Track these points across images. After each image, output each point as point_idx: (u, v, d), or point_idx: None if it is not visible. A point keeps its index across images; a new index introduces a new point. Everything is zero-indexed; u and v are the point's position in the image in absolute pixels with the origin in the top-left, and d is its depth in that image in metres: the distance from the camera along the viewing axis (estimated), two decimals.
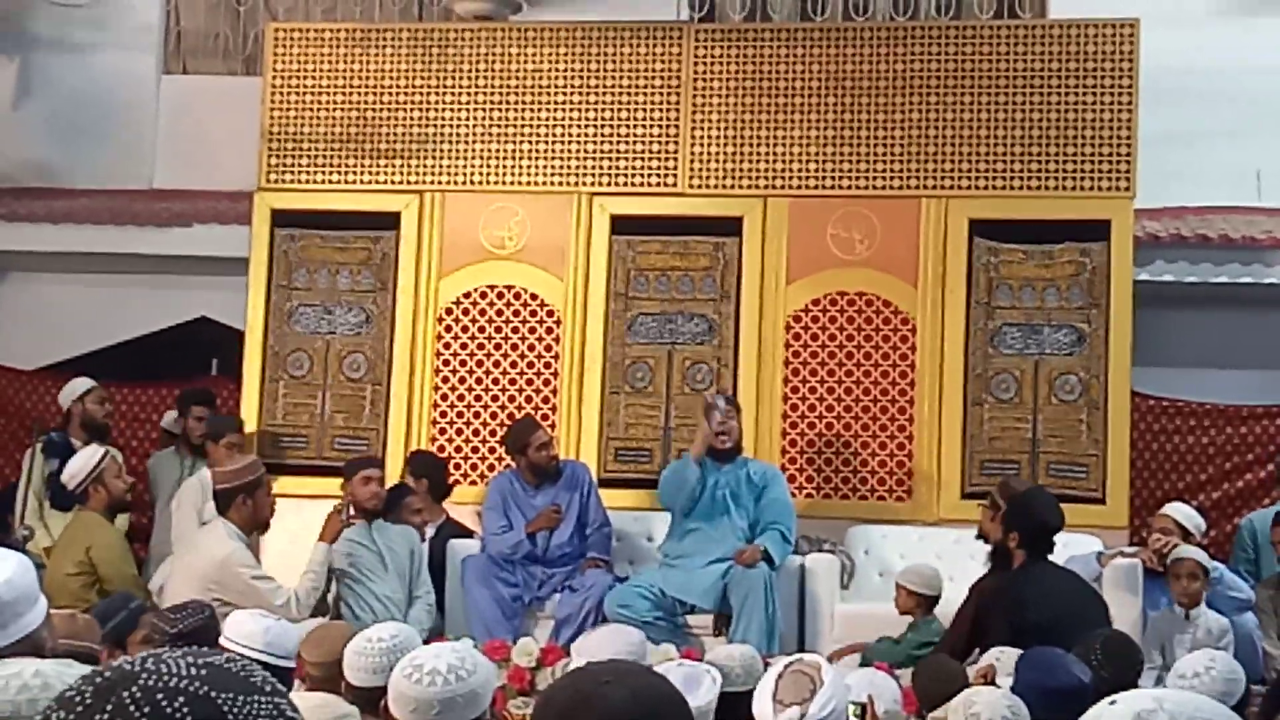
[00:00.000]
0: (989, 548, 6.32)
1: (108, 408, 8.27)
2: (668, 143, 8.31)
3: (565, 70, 8.43)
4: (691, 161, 8.28)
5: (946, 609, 6.53)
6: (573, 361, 8.23)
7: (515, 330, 8.32)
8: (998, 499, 6.44)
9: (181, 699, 1.21)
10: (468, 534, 7.61)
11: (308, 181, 8.55)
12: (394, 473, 7.73)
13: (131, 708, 1.20)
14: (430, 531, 7.41)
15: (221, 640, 4.20)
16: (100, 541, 6.41)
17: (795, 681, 3.25)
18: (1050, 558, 6.07)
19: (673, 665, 4.02)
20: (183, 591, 5.86)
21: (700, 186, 8.27)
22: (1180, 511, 7.27)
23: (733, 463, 7.22)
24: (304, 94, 8.60)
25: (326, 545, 6.51)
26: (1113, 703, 1.65)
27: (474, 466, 8.22)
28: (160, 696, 1.21)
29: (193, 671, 1.23)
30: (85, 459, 6.70)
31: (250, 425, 8.35)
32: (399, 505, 7.14)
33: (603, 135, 8.35)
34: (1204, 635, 6.34)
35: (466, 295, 8.37)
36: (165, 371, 9.51)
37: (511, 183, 8.40)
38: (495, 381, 8.29)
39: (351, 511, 6.80)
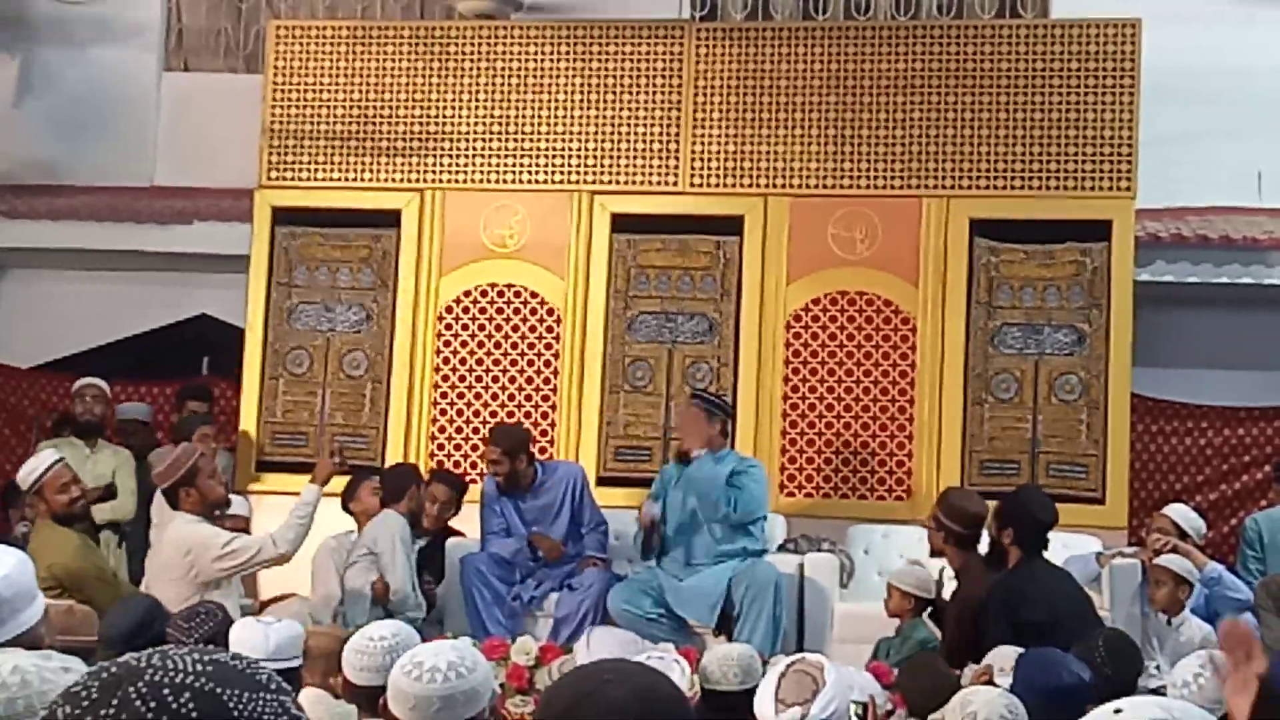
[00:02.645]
0: (986, 548, 6.28)
1: (89, 405, 8.12)
2: (669, 141, 8.31)
3: (566, 69, 8.43)
4: (692, 160, 8.29)
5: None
6: (573, 360, 8.23)
7: (515, 329, 8.32)
8: (939, 515, 6.34)
9: (187, 695, 1.21)
10: (454, 534, 7.62)
11: (308, 179, 8.55)
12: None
13: (137, 703, 1.20)
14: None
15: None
16: (57, 557, 6.13)
17: (797, 681, 3.25)
18: (1045, 556, 6.05)
19: (640, 658, 4.01)
20: (166, 591, 5.84)
21: (701, 185, 8.27)
22: (1178, 512, 7.26)
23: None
24: (305, 92, 8.61)
25: (317, 488, 6.47)
26: (1118, 711, 1.65)
27: (473, 465, 8.21)
28: (166, 692, 1.21)
29: (199, 668, 1.24)
30: (28, 468, 6.37)
31: (250, 423, 8.36)
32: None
33: (604, 134, 8.36)
34: (1184, 641, 6.34)
35: (467, 293, 8.38)
36: (165, 369, 9.52)
37: (512, 181, 8.41)
38: (495, 380, 8.29)
39: (343, 456, 6.84)
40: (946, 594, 6.45)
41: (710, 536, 6.99)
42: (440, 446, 8.25)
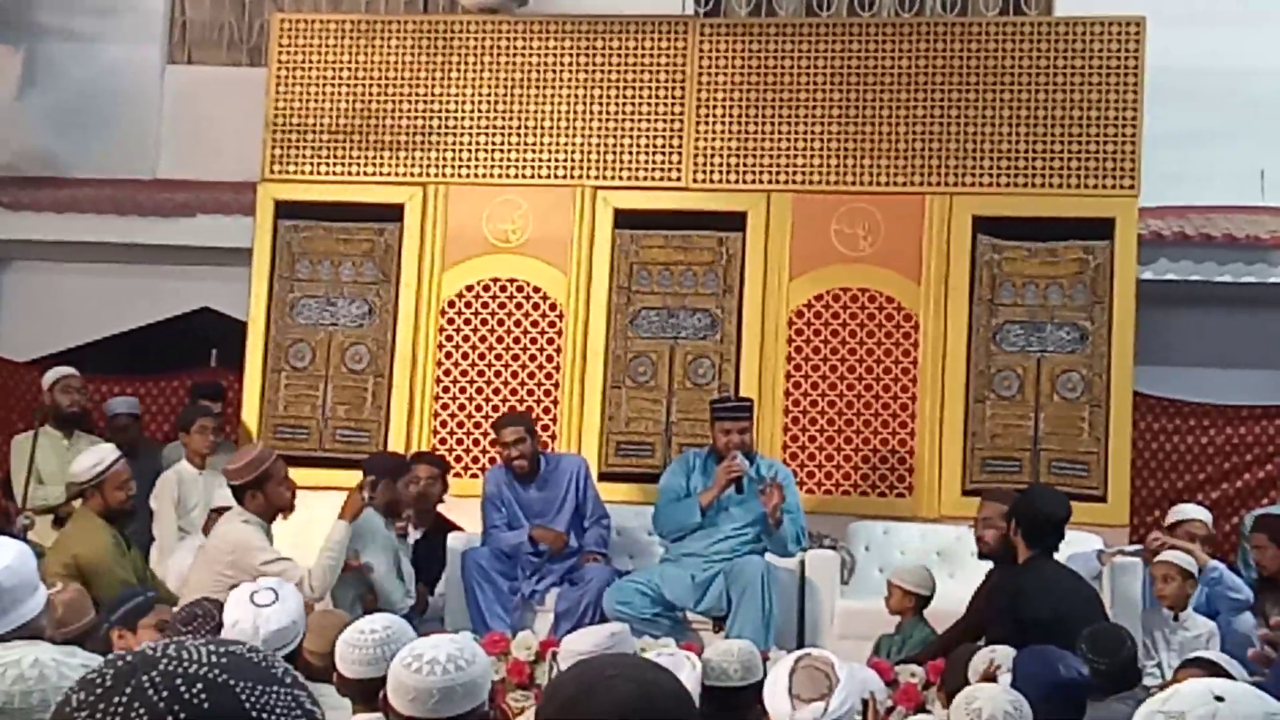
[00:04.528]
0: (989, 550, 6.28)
1: (75, 397, 8.09)
2: (672, 137, 8.31)
3: (570, 63, 8.43)
4: (695, 156, 8.28)
5: (938, 607, 6.52)
6: (575, 355, 8.23)
7: (518, 324, 8.32)
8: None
9: (200, 686, 1.21)
10: (453, 528, 7.60)
11: (311, 173, 8.55)
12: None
13: (150, 692, 1.20)
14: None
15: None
16: (87, 550, 6.24)
17: (810, 677, 3.26)
18: (1054, 555, 6.03)
19: (651, 654, 4.02)
20: (202, 579, 5.82)
21: (704, 181, 8.27)
22: (1205, 515, 7.38)
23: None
24: (308, 85, 8.60)
25: (346, 523, 6.26)
26: (1219, 698, 1.64)
27: (475, 460, 8.22)
28: (179, 682, 1.21)
29: (212, 659, 1.24)
30: (89, 464, 6.45)
31: (252, 416, 8.36)
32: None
33: (607, 129, 8.35)
34: (1191, 638, 6.35)
35: (469, 288, 8.38)
36: (167, 362, 9.52)
37: (515, 176, 8.40)
38: (497, 375, 8.29)
39: (374, 492, 6.62)
40: None
41: (738, 539, 7.03)
42: (442, 441, 8.24)
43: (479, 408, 8.29)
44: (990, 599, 5.88)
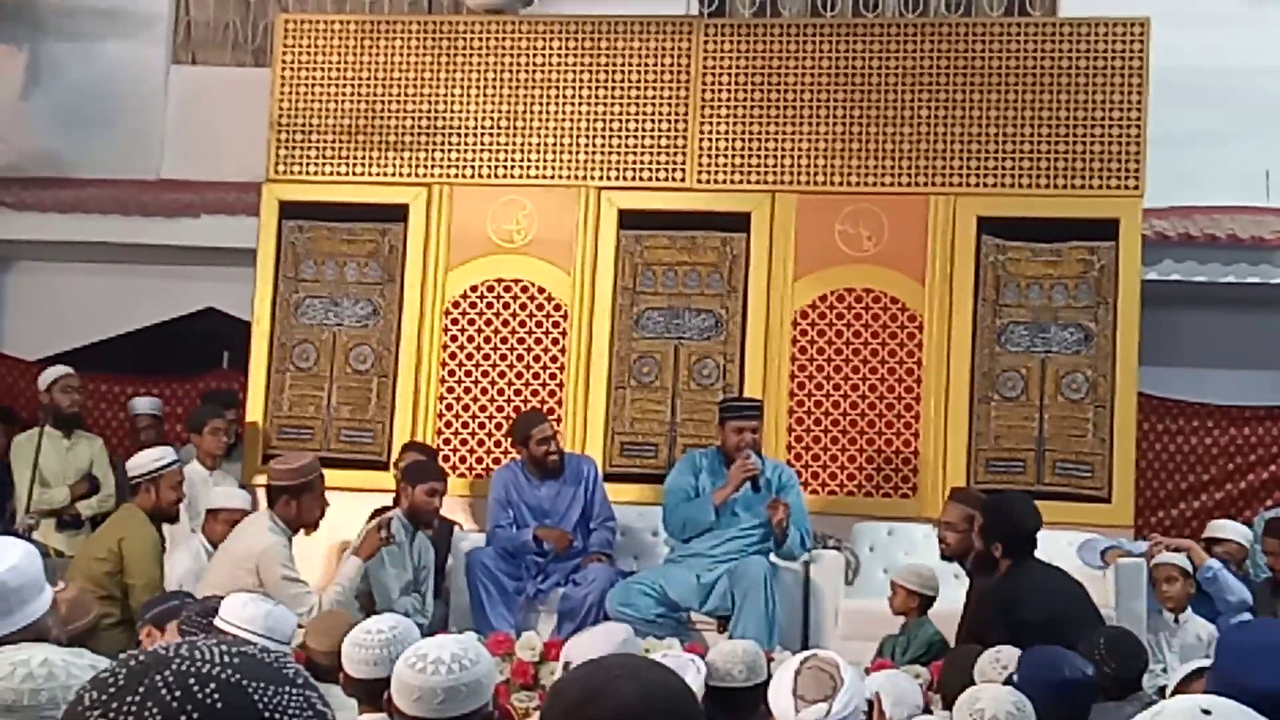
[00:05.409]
0: (970, 559, 6.26)
1: (74, 396, 8.10)
2: (676, 137, 8.31)
3: (574, 64, 8.43)
4: (700, 156, 8.28)
5: (942, 608, 6.51)
6: (579, 356, 8.23)
7: (522, 324, 8.32)
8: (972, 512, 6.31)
9: (213, 685, 1.22)
10: (451, 523, 7.61)
11: (316, 173, 8.55)
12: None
13: (163, 691, 1.21)
14: None
15: (217, 621, 4.18)
16: (134, 537, 6.34)
17: (815, 678, 3.27)
18: (1037, 556, 6.01)
19: (656, 656, 4.02)
20: (221, 576, 5.84)
21: (708, 182, 8.27)
22: (1240, 532, 7.40)
23: None
24: (313, 85, 8.61)
25: (360, 561, 6.27)
26: (1206, 711, 1.64)
27: (479, 460, 8.22)
28: (192, 682, 1.22)
29: (225, 659, 1.25)
30: (151, 458, 6.60)
31: (257, 416, 8.37)
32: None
33: (611, 129, 8.36)
34: (1192, 640, 6.36)
35: (474, 289, 8.38)
36: (174, 363, 9.53)
37: (520, 176, 8.40)
38: (501, 375, 8.29)
39: (394, 529, 6.55)
40: None
41: (744, 541, 7.04)
42: (446, 441, 8.25)
43: (483, 408, 8.29)
44: (980, 607, 5.87)
